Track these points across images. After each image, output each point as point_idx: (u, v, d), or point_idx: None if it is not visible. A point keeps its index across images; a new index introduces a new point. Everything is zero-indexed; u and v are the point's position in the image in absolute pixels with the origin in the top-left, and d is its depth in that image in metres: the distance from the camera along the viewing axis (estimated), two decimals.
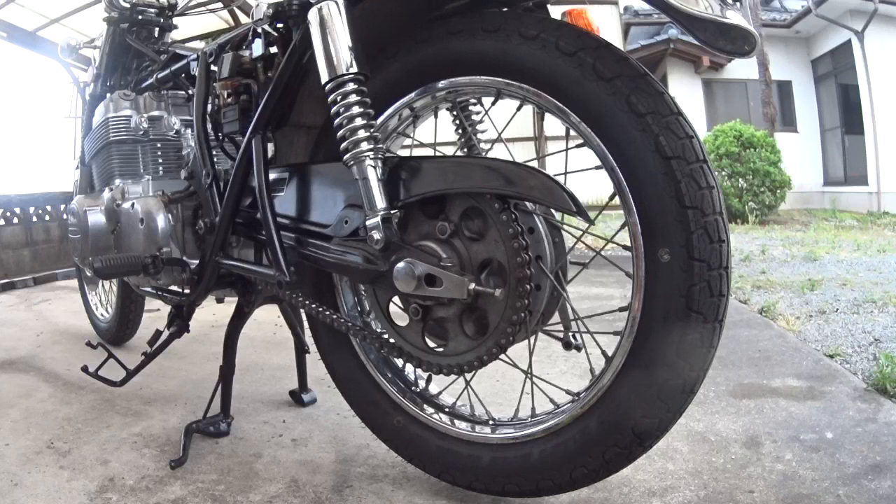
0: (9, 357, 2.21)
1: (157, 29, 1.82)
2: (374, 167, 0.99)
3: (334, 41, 1.00)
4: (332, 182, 1.13)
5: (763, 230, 6.70)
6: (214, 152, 1.37)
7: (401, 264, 0.97)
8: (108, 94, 1.67)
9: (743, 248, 4.95)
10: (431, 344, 1.06)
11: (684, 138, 0.85)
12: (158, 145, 1.58)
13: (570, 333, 1.13)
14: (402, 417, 1.18)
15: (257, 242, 1.33)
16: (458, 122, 1.22)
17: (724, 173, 7.57)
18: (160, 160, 1.58)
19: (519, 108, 1.05)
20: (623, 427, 0.92)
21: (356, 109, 1.00)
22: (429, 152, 1.14)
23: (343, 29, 1.00)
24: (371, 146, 0.99)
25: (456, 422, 1.15)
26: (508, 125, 1.13)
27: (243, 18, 4.80)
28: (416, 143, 1.23)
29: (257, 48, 1.21)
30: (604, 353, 0.98)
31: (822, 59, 10.51)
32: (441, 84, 1.05)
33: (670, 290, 0.86)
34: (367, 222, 0.99)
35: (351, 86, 1.00)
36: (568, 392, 1.06)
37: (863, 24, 9.00)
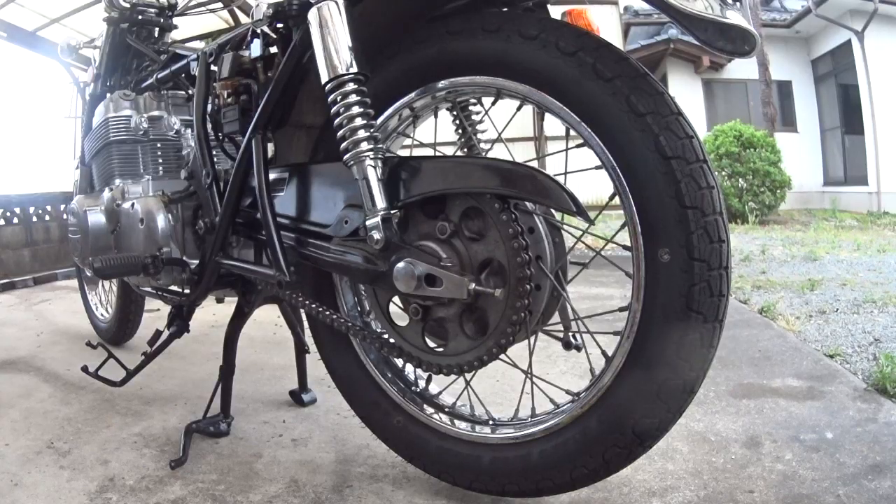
0: (9, 357, 2.21)
1: (157, 29, 1.82)
2: (374, 167, 0.99)
3: (334, 41, 1.00)
4: (332, 182, 1.13)
5: (763, 230, 6.70)
6: (214, 152, 1.37)
7: (401, 264, 0.97)
8: (108, 94, 1.67)
9: (743, 248, 4.95)
10: (431, 344, 1.05)
11: (684, 138, 0.85)
12: (158, 145, 1.58)
13: (570, 333, 1.12)
14: (403, 417, 1.18)
15: (257, 242, 1.33)
16: (458, 122, 1.22)
17: (724, 173, 7.57)
18: (160, 160, 1.58)
19: (519, 108, 1.05)
20: (623, 427, 0.92)
21: (356, 109, 1.00)
22: (429, 152, 1.14)
23: (343, 29, 1.00)
24: (371, 146, 0.99)
25: (456, 422, 1.15)
26: (508, 125, 1.13)
27: (243, 18, 4.79)
28: (416, 143, 1.23)
29: (257, 48, 1.21)
30: (604, 353, 0.98)
31: (822, 59, 10.51)
32: (441, 84, 1.05)
33: (670, 290, 0.86)
34: (367, 222, 0.99)
35: (351, 86, 1.00)
36: (568, 392, 1.06)
37: (863, 24, 9.00)
